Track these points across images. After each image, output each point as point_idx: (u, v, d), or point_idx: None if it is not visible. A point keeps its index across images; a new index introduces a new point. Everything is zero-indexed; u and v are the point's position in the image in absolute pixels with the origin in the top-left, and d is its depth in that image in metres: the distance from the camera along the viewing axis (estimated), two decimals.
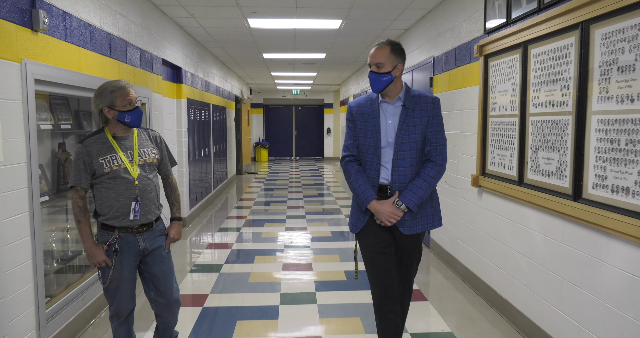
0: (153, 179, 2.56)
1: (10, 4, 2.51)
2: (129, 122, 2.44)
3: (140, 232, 2.50)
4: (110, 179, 2.42)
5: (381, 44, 2.50)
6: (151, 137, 2.63)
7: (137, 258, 2.52)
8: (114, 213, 2.43)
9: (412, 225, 2.50)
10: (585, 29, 2.48)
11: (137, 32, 4.56)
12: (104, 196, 2.44)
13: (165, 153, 2.69)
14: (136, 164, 2.48)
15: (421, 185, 2.45)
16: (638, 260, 2.14)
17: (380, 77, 2.46)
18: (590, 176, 2.47)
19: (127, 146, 2.49)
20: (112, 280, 2.43)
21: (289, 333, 3.25)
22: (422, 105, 2.50)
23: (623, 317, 2.24)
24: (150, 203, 2.52)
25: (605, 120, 2.35)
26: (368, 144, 2.53)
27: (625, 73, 2.20)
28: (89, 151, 2.40)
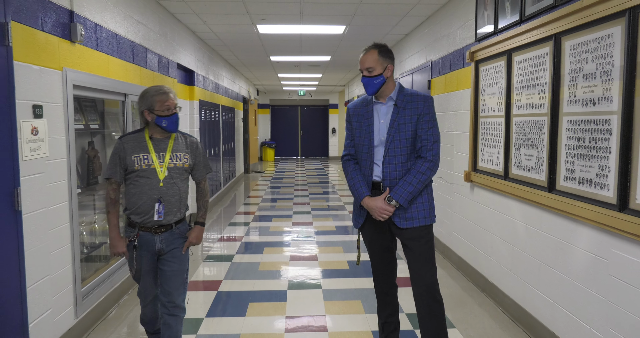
0: (179, 183, 2.61)
1: (54, 20, 2.87)
2: (165, 127, 2.55)
3: (159, 232, 2.59)
4: (138, 177, 2.54)
5: (368, 48, 2.59)
6: (187, 142, 2.70)
7: (155, 256, 2.63)
8: (136, 209, 2.55)
9: (407, 219, 2.57)
10: (558, 40, 2.82)
11: (155, 39, 4.92)
12: (130, 193, 2.57)
13: (201, 159, 2.73)
14: (165, 167, 2.57)
15: (411, 181, 2.51)
16: (599, 242, 2.47)
17: (372, 80, 2.56)
18: (562, 170, 2.80)
19: (161, 148, 2.60)
20: (136, 271, 2.62)
21: (296, 313, 3.60)
22: (413, 103, 2.57)
23: (588, 292, 2.57)
24: (172, 206, 2.59)
25: (573, 121, 2.68)
26: (363, 143, 2.64)
27: (588, 80, 2.54)
28: (125, 147, 2.56)
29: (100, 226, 4.05)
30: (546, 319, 3.00)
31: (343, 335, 3.23)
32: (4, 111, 2.36)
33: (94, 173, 3.84)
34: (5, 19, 2.36)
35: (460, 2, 4.57)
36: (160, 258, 2.64)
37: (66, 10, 3.03)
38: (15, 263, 2.46)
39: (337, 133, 19.33)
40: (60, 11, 2.95)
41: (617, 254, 2.33)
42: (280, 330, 3.32)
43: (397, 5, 5.11)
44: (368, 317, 3.53)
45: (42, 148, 2.71)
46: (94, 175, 3.83)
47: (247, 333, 3.26)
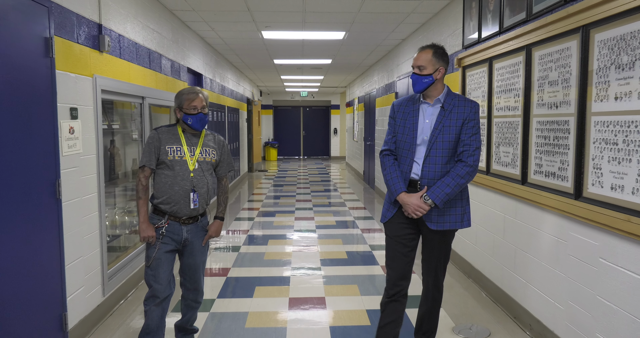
0: (207, 176, 2.75)
1: (86, 33, 3.27)
2: (190, 124, 2.70)
3: (187, 223, 2.72)
4: (169, 167, 2.67)
5: (424, 47, 2.64)
6: (216, 140, 2.86)
7: (178, 246, 2.75)
8: (167, 199, 2.66)
9: (439, 221, 2.60)
10: (529, 51, 3.20)
11: (169, 46, 5.32)
12: (162, 182, 2.68)
13: (226, 157, 2.88)
14: (195, 159, 2.71)
15: (449, 183, 2.53)
16: (561, 227, 2.85)
17: (421, 79, 2.59)
18: (532, 165, 3.19)
19: (192, 142, 2.75)
20: (154, 259, 2.67)
21: (298, 295, 3.99)
22: (460, 108, 2.60)
23: (552, 271, 2.95)
24: (201, 197, 2.71)
25: (541, 121, 3.06)
26: (405, 140, 2.66)
27: (552, 86, 2.92)
28: (160, 137, 2.70)
29: (120, 218, 4.45)
30: (520, 298, 3.39)
31: (340, 313, 3.62)
32: (48, 113, 2.76)
33: (115, 169, 4.23)
34: (50, 34, 2.75)
35: (450, 12, 4.96)
36: (183, 251, 2.78)
37: (96, 23, 3.42)
38: (57, 244, 2.86)
39: (339, 133, 19.72)
40: (91, 25, 3.35)
41: (574, 236, 2.71)
42: (284, 308, 3.70)
43: (393, 14, 5.49)
44: (363, 298, 3.91)
45: (77, 145, 3.11)
46: (114, 171, 4.22)
47: (255, 311, 3.65)
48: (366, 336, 3.22)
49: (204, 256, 2.85)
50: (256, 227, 6.70)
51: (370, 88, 10.68)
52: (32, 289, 2.58)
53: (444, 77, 2.71)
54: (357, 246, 5.63)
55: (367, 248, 5.53)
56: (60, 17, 2.90)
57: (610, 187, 2.38)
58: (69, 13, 3.03)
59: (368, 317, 3.53)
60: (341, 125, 19.53)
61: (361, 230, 6.46)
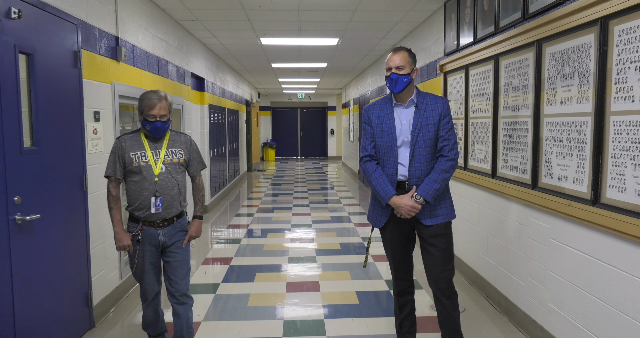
0: (177, 177, 2.72)
1: (107, 45, 3.69)
2: (148, 130, 2.68)
3: (162, 227, 2.70)
4: (136, 173, 2.65)
5: (399, 49, 2.71)
6: (182, 140, 2.82)
7: (158, 250, 2.74)
8: (138, 205, 2.66)
9: (432, 216, 2.67)
10: (497, 60, 3.64)
11: (174, 53, 5.74)
12: (131, 189, 2.68)
13: (195, 156, 2.85)
14: (161, 163, 2.68)
15: (436, 179, 2.60)
16: (522, 213, 3.28)
17: (402, 78, 2.64)
18: (500, 160, 3.62)
19: (156, 145, 2.72)
20: (137, 266, 2.71)
21: (295, 280, 4.41)
22: (434, 105, 2.68)
23: (516, 252, 3.38)
24: (172, 199, 2.69)
25: (506, 122, 3.50)
26: (385, 144, 2.69)
27: (515, 91, 3.36)
28: (123, 146, 2.67)
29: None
30: (491, 278, 3.81)
31: (332, 294, 4.04)
32: (77, 117, 3.18)
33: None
34: (78, 48, 3.18)
35: (434, 21, 5.40)
36: (164, 252, 2.76)
37: (114, 36, 3.85)
38: (84, 230, 3.28)
39: (335, 134, 20.15)
40: (110, 38, 3.77)
41: (532, 221, 3.14)
42: (282, 290, 4.13)
43: (382, 23, 5.92)
44: (354, 282, 4.34)
45: (99, 144, 3.53)
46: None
47: (256, 293, 4.07)
48: (355, 312, 3.64)
49: (185, 255, 2.80)
50: (255, 222, 7.13)
51: (364, 90, 11.12)
52: (65, 268, 3.00)
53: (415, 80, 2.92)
54: (350, 238, 6.06)
55: (359, 239, 5.96)
56: (85, 32, 3.33)
57: (558, 178, 2.81)
58: (93, 28, 3.45)
59: (357, 297, 3.95)
60: (338, 126, 19.97)
61: (354, 224, 6.88)
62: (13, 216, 2.45)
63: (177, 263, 2.75)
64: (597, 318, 2.46)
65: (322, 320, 3.51)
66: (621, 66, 2.25)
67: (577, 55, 2.60)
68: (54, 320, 2.86)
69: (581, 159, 2.57)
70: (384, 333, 3.25)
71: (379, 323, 3.42)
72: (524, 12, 3.19)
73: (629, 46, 2.20)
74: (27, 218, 2.53)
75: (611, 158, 2.32)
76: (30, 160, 2.62)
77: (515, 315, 3.38)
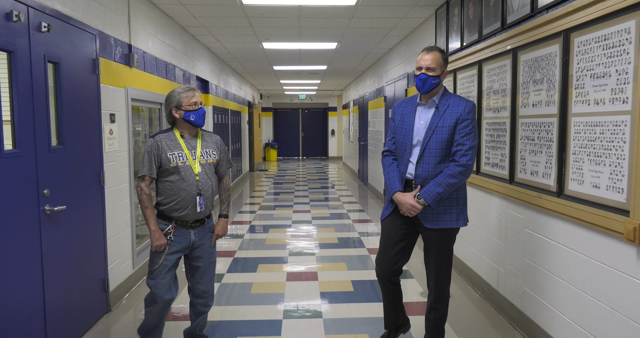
0: (211, 178, 2.75)
1: (121, 52, 4.01)
2: (193, 121, 2.67)
3: (194, 227, 2.72)
4: (174, 173, 2.64)
5: (432, 49, 2.67)
6: (213, 140, 2.84)
7: (186, 250, 2.75)
8: (174, 205, 2.65)
9: (434, 220, 2.65)
10: (480, 65, 3.94)
11: (181, 57, 6.06)
12: (167, 189, 2.66)
13: (224, 156, 2.86)
14: (198, 163, 2.70)
15: (441, 182, 2.57)
16: (501, 206, 3.58)
17: (430, 79, 2.63)
18: (483, 158, 3.92)
19: (192, 145, 2.72)
20: (160, 265, 2.67)
21: (295, 270, 4.72)
22: (454, 108, 2.64)
23: (496, 242, 3.68)
24: (207, 200, 2.72)
25: (489, 122, 3.80)
26: (402, 141, 2.75)
27: (495, 94, 3.66)
28: (160, 145, 2.66)
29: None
30: (476, 267, 4.12)
31: (329, 282, 4.35)
32: (95, 118, 3.50)
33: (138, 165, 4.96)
34: (96, 56, 3.49)
35: (426, 28, 5.71)
36: (190, 256, 2.78)
37: (127, 44, 4.17)
38: (102, 222, 3.59)
39: (336, 135, 20.47)
40: (124, 45, 4.09)
41: (510, 213, 3.45)
42: (283, 280, 4.44)
43: (378, 28, 6.24)
44: (350, 272, 4.65)
45: (114, 144, 3.85)
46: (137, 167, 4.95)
47: (258, 282, 4.38)
48: (350, 298, 3.95)
49: (212, 258, 2.84)
50: (258, 218, 7.44)
51: (363, 91, 11.43)
52: (86, 256, 3.32)
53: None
54: (348, 233, 6.37)
55: (357, 234, 6.27)
56: (103, 41, 3.64)
57: (530, 173, 3.11)
58: (109, 37, 3.77)
59: (352, 286, 4.26)
60: (338, 127, 20.28)
61: (352, 221, 7.19)
62: (43, 207, 2.77)
63: (207, 266, 2.80)
64: (560, 296, 2.77)
65: (319, 304, 3.82)
66: (580, 73, 2.55)
67: (546, 63, 2.91)
68: (76, 303, 3.17)
69: (549, 155, 2.87)
70: (377, 316, 3.55)
71: (372, 308, 3.73)
72: (503, 22, 3.50)
73: (586, 55, 2.50)
74: (55, 209, 2.84)
75: (572, 154, 2.63)
76: (57, 157, 2.94)
77: (495, 299, 3.68)
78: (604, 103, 2.35)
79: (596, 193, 2.42)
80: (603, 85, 2.36)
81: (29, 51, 2.64)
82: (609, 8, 2.27)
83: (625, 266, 2.21)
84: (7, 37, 2.45)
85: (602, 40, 2.37)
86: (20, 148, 2.56)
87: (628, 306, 2.19)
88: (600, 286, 2.40)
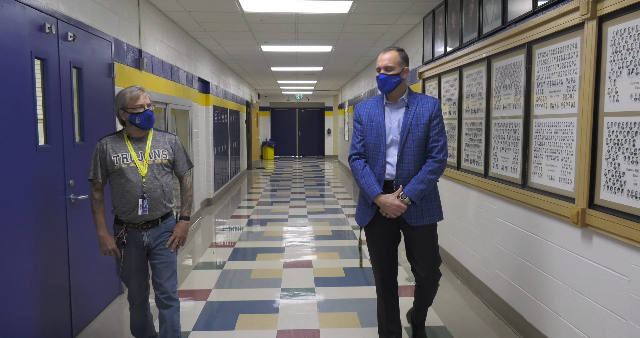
0: (161, 179, 2.65)
1: (132, 57, 4.38)
2: (138, 124, 2.59)
3: (146, 228, 2.64)
4: (120, 176, 2.59)
5: (389, 49, 2.70)
6: (167, 140, 2.73)
7: (143, 252, 2.68)
8: (121, 208, 2.62)
9: (418, 217, 2.68)
10: (460, 70, 4.33)
11: (184, 60, 6.42)
12: (114, 191, 2.63)
13: (181, 155, 2.76)
14: (146, 164, 2.61)
15: (423, 179, 2.60)
16: (478, 199, 3.97)
17: (390, 79, 2.63)
18: (463, 155, 4.31)
19: (140, 146, 2.64)
20: (123, 269, 2.66)
21: (291, 259, 5.10)
22: (424, 105, 2.67)
23: (474, 231, 4.07)
24: (156, 202, 2.62)
25: (468, 123, 4.19)
26: (374, 142, 2.70)
27: (473, 97, 4.04)
28: (105, 148, 2.61)
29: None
30: (457, 255, 4.50)
31: (322, 269, 4.72)
32: (110, 118, 3.86)
33: None
34: (111, 61, 3.86)
35: (415, 33, 6.09)
36: (149, 253, 2.71)
37: (137, 49, 4.53)
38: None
39: (332, 134, 20.85)
40: (135, 50, 4.45)
41: (485, 204, 3.83)
42: (280, 267, 4.81)
43: (370, 33, 6.62)
44: (342, 260, 5.03)
45: None
46: None
47: (257, 268, 4.76)
48: (341, 282, 4.32)
49: (171, 257, 2.72)
50: (256, 213, 7.81)
51: (358, 92, 11.81)
52: None
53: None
54: (341, 226, 6.75)
55: (350, 227, 6.65)
56: (117, 47, 4.01)
57: (501, 168, 3.50)
58: (122, 43, 4.14)
59: (344, 272, 4.64)
60: (334, 126, 20.65)
61: (346, 215, 7.57)
62: (68, 196, 3.13)
63: (162, 265, 2.68)
64: (523, 275, 3.15)
65: (312, 288, 4.19)
66: (539, 80, 2.94)
67: (514, 70, 3.29)
68: (93, 284, 3.53)
69: (515, 152, 3.26)
70: (365, 298, 3.92)
71: (361, 290, 4.11)
72: (480, 32, 3.88)
73: (544, 65, 2.89)
74: (79, 198, 3.21)
75: (534, 151, 3.01)
76: (80, 152, 3.30)
77: (473, 283, 4.07)
78: (557, 107, 2.74)
79: (551, 184, 2.80)
80: (557, 91, 2.74)
81: (57, 58, 3.00)
82: (561, 25, 2.65)
83: (572, 245, 2.60)
84: (41, 47, 2.82)
85: (556, 52, 2.75)
86: (51, 144, 2.93)
87: (575, 279, 2.58)
88: (553, 264, 2.78)
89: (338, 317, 3.57)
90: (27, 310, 2.66)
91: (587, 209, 2.42)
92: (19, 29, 2.60)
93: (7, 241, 2.48)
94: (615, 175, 2.24)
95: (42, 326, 2.80)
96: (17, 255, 2.57)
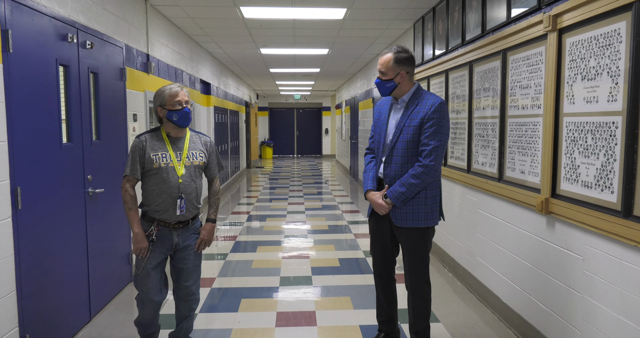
0: (196, 180, 2.67)
1: (141, 61, 4.70)
2: (175, 121, 2.58)
3: (177, 228, 2.64)
4: (157, 174, 2.58)
5: (386, 51, 2.65)
6: (202, 141, 2.76)
7: (169, 251, 2.68)
8: (156, 206, 2.60)
9: (402, 218, 2.66)
10: (447, 74, 4.65)
11: (187, 63, 6.74)
12: (149, 189, 2.61)
13: (214, 157, 2.79)
14: (183, 165, 2.62)
15: (404, 182, 2.58)
16: (462, 192, 4.29)
17: (384, 84, 2.64)
18: (449, 152, 4.63)
19: (178, 146, 2.65)
20: (144, 267, 2.61)
21: (290, 251, 5.42)
22: (421, 107, 2.60)
23: (459, 223, 4.39)
24: (189, 203, 2.64)
25: (453, 122, 4.51)
26: (377, 140, 2.78)
27: (458, 99, 4.37)
28: (144, 145, 2.59)
29: None
30: (445, 246, 4.83)
31: (319, 260, 5.05)
32: (122, 118, 4.18)
33: None
34: (123, 65, 4.17)
35: (407, 37, 6.41)
36: (175, 256, 2.70)
37: (145, 54, 4.85)
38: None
39: (330, 134, 21.17)
40: (143, 55, 4.77)
41: (468, 197, 4.16)
42: (279, 258, 5.13)
43: (364, 37, 6.94)
44: (337, 252, 5.35)
45: None
46: None
47: (258, 259, 5.08)
48: (336, 272, 4.64)
49: (198, 259, 2.76)
50: (255, 209, 8.13)
51: (355, 92, 12.13)
52: (117, 232, 4.00)
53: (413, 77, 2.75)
54: (337, 221, 7.07)
55: (346, 222, 6.97)
56: (128, 53, 4.32)
57: (481, 164, 3.82)
58: (132, 49, 4.45)
59: (339, 262, 4.96)
60: (332, 126, 20.98)
61: (342, 211, 7.89)
62: (87, 190, 3.45)
63: (191, 268, 2.72)
64: (500, 261, 3.48)
65: (309, 276, 4.52)
66: (512, 84, 3.26)
67: (491, 74, 3.62)
68: (108, 272, 3.85)
69: (493, 149, 3.58)
70: (358, 284, 4.25)
71: (355, 278, 4.43)
72: (463, 38, 4.20)
73: (516, 70, 3.21)
74: (96, 191, 3.53)
75: (508, 147, 3.34)
76: (97, 150, 3.62)
77: (458, 271, 4.39)
78: (527, 108, 3.06)
79: (522, 177, 3.13)
80: (526, 94, 3.06)
81: (77, 64, 3.32)
82: (530, 35, 2.98)
83: (538, 231, 2.92)
84: (64, 54, 3.13)
85: (526, 59, 3.07)
86: (73, 142, 3.24)
87: (541, 259, 2.90)
88: (524, 249, 3.11)
89: (332, 300, 3.89)
90: (60, 291, 2.98)
91: (550, 198, 2.74)
92: (46, 39, 2.92)
93: (51, 230, 2.80)
94: (572, 168, 2.56)
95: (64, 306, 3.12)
96: (57, 244, 2.89)
